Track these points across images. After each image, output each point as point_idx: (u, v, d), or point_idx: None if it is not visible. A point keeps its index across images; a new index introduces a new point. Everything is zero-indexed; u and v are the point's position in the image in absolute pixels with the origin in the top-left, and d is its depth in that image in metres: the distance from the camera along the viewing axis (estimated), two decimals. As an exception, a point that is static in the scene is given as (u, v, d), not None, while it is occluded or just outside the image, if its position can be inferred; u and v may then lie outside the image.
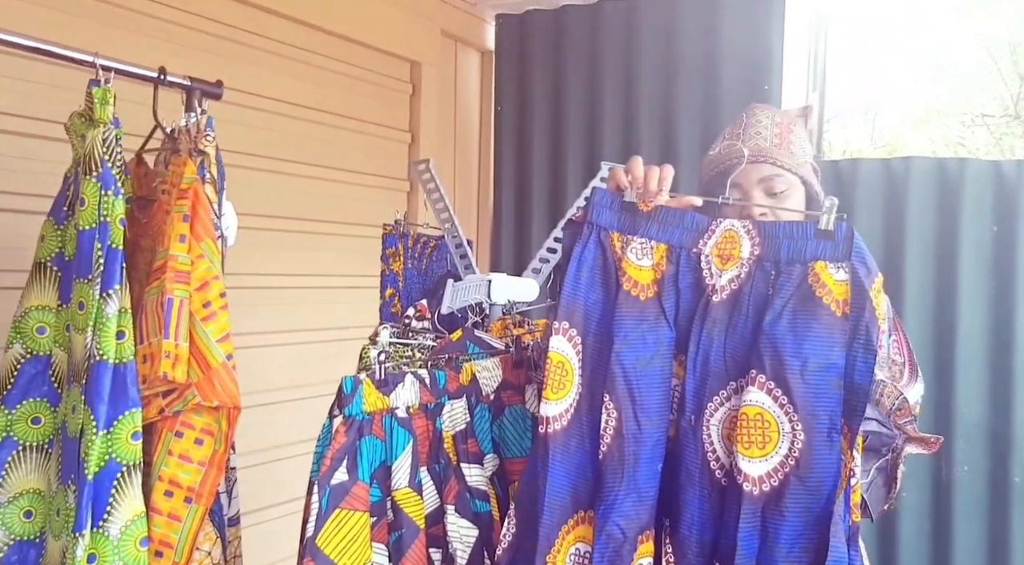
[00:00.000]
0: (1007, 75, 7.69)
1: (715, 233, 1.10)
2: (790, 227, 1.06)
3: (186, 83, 1.42)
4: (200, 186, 1.25)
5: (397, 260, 1.83)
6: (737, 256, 1.08)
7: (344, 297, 2.54)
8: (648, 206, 1.13)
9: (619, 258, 1.12)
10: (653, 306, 1.11)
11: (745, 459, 1.02)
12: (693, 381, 1.08)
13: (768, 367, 1.02)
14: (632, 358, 1.09)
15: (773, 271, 1.05)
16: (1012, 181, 2.43)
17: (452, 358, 1.35)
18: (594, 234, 1.14)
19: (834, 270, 1.02)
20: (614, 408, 1.09)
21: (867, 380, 1.01)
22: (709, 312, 1.08)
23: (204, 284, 1.23)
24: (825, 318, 1.01)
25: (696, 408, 1.08)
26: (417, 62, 2.88)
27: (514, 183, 3.10)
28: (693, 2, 2.74)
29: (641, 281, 1.12)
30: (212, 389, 1.21)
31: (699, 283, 1.10)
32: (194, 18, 2.12)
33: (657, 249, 1.12)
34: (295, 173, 2.45)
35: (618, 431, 1.08)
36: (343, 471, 1.13)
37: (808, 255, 1.03)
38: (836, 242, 1.03)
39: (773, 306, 1.03)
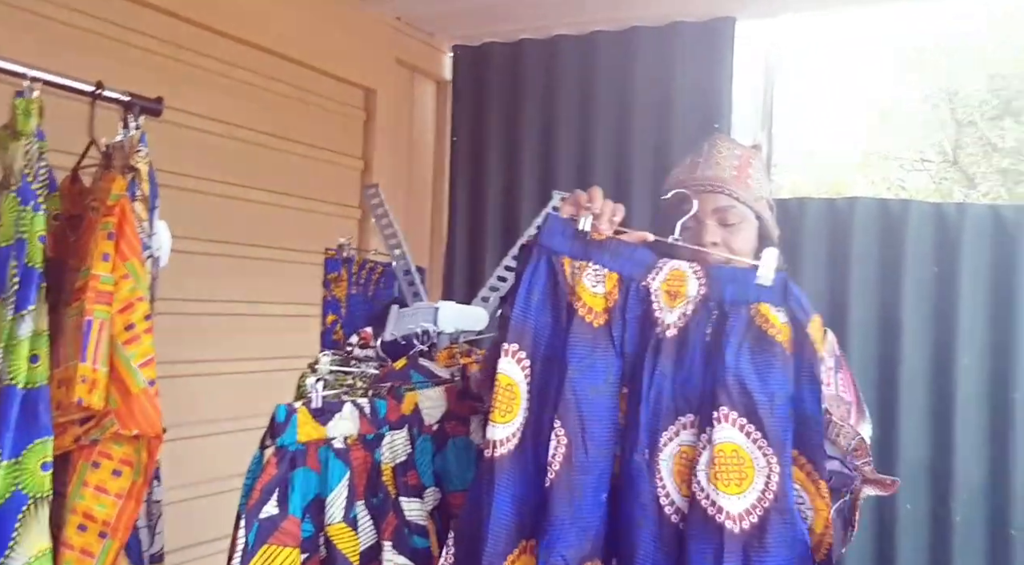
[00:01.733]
0: (945, 122, 8.00)
1: (663, 270, 1.12)
2: (733, 272, 1.11)
3: (124, 98, 1.37)
4: (128, 203, 1.20)
5: (340, 286, 1.79)
6: (684, 294, 1.10)
7: (289, 325, 2.47)
8: (600, 235, 1.14)
9: (571, 283, 1.12)
10: (604, 334, 1.10)
11: (724, 496, 1.01)
12: (647, 416, 1.07)
13: (739, 404, 1.03)
14: (584, 385, 1.08)
15: (717, 311, 1.08)
16: (953, 224, 2.49)
17: (394, 387, 1.31)
18: (544, 257, 1.13)
19: (776, 312, 1.06)
20: (564, 435, 1.06)
21: (817, 410, 1.04)
22: (662, 348, 1.08)
23: (128, 305, 1.17)
24: (780, 355, 1.05)
25: (651, 444, 1.06)
26: (372, 89, 2.86)
27: (468, 212, 3.09)
28: (647, 40, 2.79)
29: (595, 308, 1.11)
30: (132, 417, 1.14)
31: (648, 316, 1.10)
32: (137, 35, 2.07)
33: (609, 278, 1.12)
34: (240, 197, 2.39)
35: (567, 459, 1.06)
36: (273, 504, 1.07)
37: (751, 298, 1.07)
38: (774, 288, 1.07)
39: (730, 344, 1.05)
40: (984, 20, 7.76)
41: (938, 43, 8.06)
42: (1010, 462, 2.39)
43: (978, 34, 7.84)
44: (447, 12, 2.83)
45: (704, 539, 1.01)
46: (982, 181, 7.89)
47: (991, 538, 2.41)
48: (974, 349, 2.44)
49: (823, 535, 1.05)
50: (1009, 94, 7.61)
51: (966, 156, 8.01)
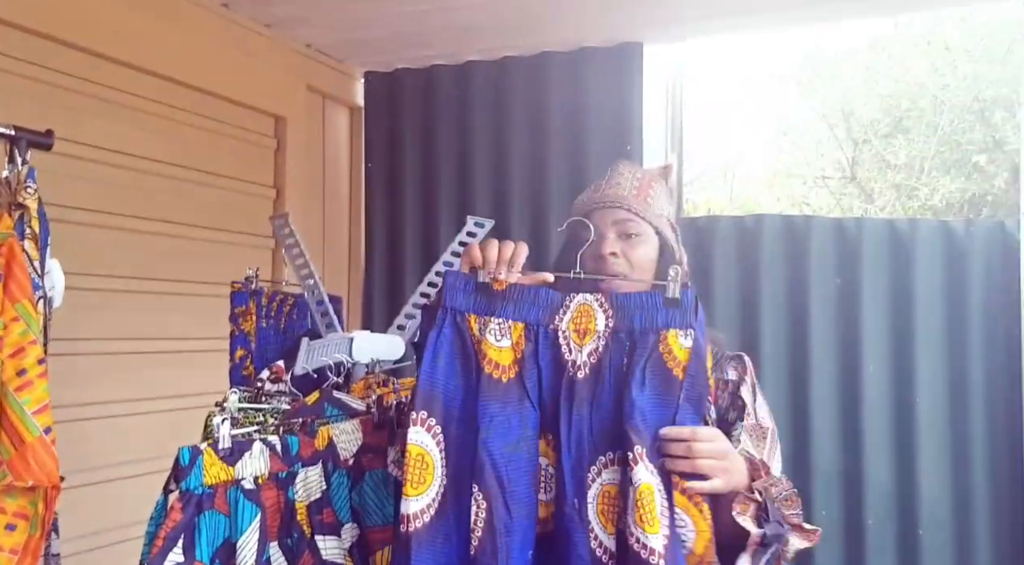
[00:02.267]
0: (842, 140, 8.43)
1: (570, 309, 1.11)
2: (640, 298, 1.09)
3: (9, 132, 1.30)
4: (16, 242, 1.14)
5: (248, 319, 1.73)
6: (593, 330, 1.09)
7: (197, 362, 2.37)
8: (502, 285, 1.12)
9: (478, 341, 1.10)
10: (515, 387, 1.09)
11: (652, 537, 1.00)
12: (570, 462, 1.05)
13: (645, 439, 1.03)
14: (499, 444, 1.06)
15: (628, 342, 1.07)
16: (853, 237, 2.61)
17: (307, 422, 1.27)
18: (449, 318, 1.11)
19: (683, 337, 1.06)
20: (483, 499, 1.04)
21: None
22: (575, 390, 1.07)
23: (19, 350, 1.11)
24: (675, 385, 1.05)
25: (579, 491, 1.05)
26: (282, 117, 2.81)
27: (386, 240, 3.06)
28: (557, 65, 2.84)
29: (502, 362, 1.09)
30: (27, 467, 1.08)
31: (558, 359, 1.09)
32: (24, 65, 1.97)
33: (515, 328, 1.11)
34: (142, 230, 2.30)
35: (489, 523, 1.04)
36: (178, 552, 1.02)
37: (660, 323, 1.07)
38: (683, 309, 1.07)
39: (635, 377, 1.05)
40: (866, 43, 8.25)
41: (830, 65, 8.51)
42: (915, 464, 2.50)
43: (864, 56, 8.32)
44: (358, 39, 2.82)
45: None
46: (879, 196, 8.33)
47: (901, 539, 2.51)
48: (878, 356, 2.55)
49: (704, 556, 1.05)
50: (899, 113, 8.09)
51: (863, 172, 8.45)
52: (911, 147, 7.97)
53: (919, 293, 2.54)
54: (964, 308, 2.51)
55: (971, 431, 2.49)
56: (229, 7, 2.51)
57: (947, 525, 2.48)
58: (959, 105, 7.78)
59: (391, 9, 2.52)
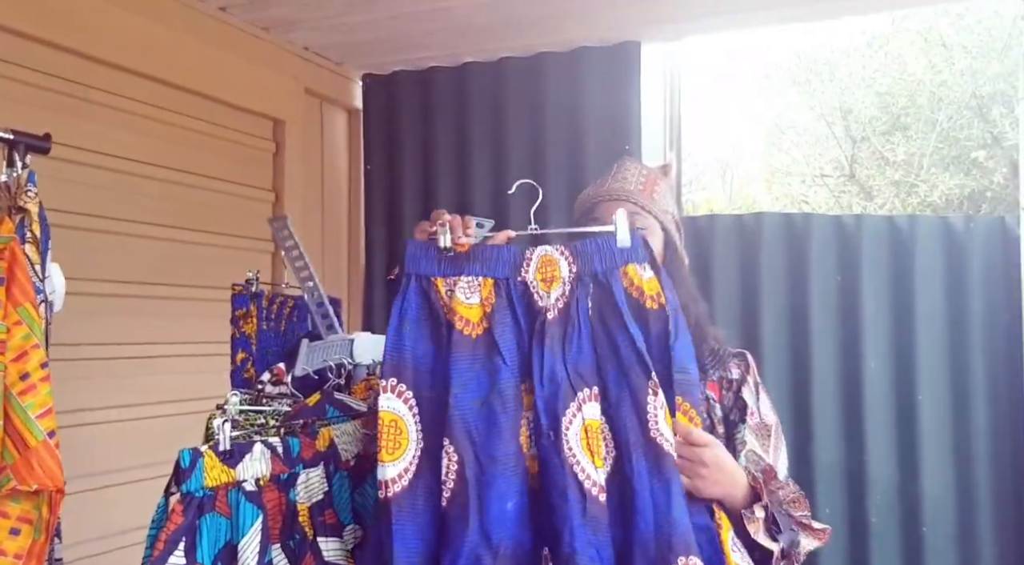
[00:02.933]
0: (841, 138, 8.43)
1: (532, 260, 1.13)
2: (596, 244, 1.13)
3: (8, 136, 1.30)
4: (18, 246, 1.14)
5: (249, 322, 1.73)
6: (559, 277, 1.12)
7: (198, 365, 2.37)
8: (464, 247, 1.14)
9: (446, 303, 1.11)
10: (484, 342, 1.10)
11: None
12: (543, 399, 1.06)
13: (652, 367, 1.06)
14: (469, 399, 1.07)
15: (592, 283, 1.11)
16: (852, 234, 2.61)
17: (308, 423, 1.27)
18: (414, 284, 1.13)
19: (641, 270, 1.12)
20: (454, 452, 1.05)
21: (693, 362, 1.11)
22: (546, 329, 1.09)
23: (22, 354, 1.10)
24: (660, 318, 1.10)
25: (552, 424, 1.06)
26: (280, 120, 2.81)
27: (385, 242, 3.06)
28: (555, 66, 2.84)
29: (471, 319, 1.10)
30: (30, 471, 1.08)
31: (531, 308, 1.11)
32: (23, 70, 1.97)
33: (484, 284, 1.12)
34: (143, 235, 2.30)
35: (460, 475, 1.04)
36: (179, 554, 1.02)
37: (618, 262, 1.12)
38: (634, 247, 1.12)
39: (626, 313, 1.08)
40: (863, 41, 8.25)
41: (828, 63, 8.51)
42: (919, 462, 2.50)
43: (861, 54, 8.32)
44: (355, 42, 2.82)
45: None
46: (878, 194, 8.33)
47: (904, 537, 2.51)
48: (879, 353, 2.55)
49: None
50: (897, 110, 8.08)
51: (862, 170, 8.44)
52: (909, 144, 7.97)
53: (920, 290, 2.54)
54: (965, 304, 2.51)
55: (973, 427, 2.48)
56: (227, 11, 2.51)
57: (950, 523, 2.48)
58: (957, 101, 7.78)
59: (388, 11, 2.53)
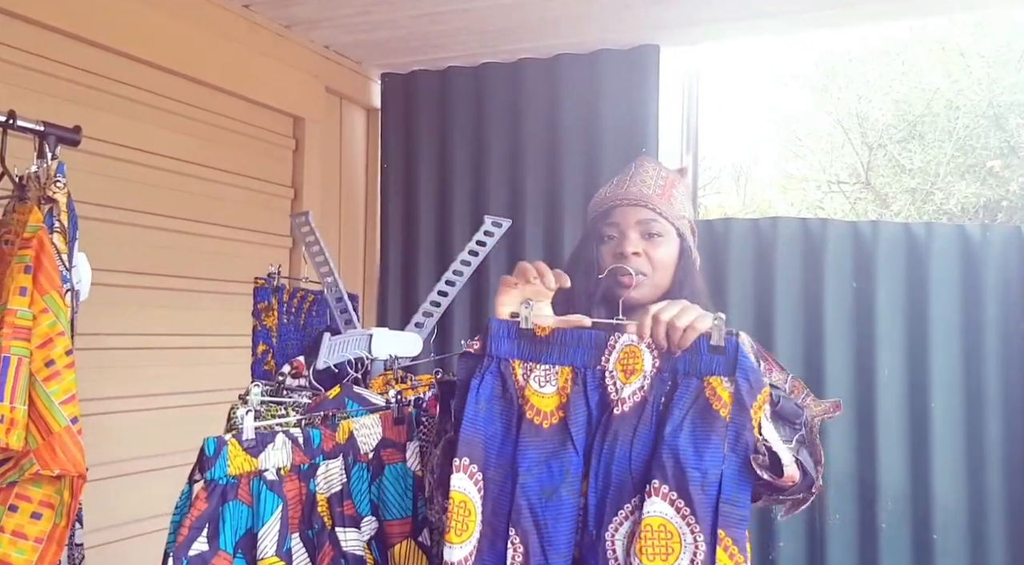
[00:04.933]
0: (857, 145, 8.40)
1: (616, 348, 1.10)
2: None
3: (39, 128, 1.33)
4: (46, 235, 1.16)
5: (270, 315, 1.75)
6: (640, 369, 1.08)
7: (218, 357, 2.41)
8: (545, 331, 1.11)
9: (521, 387, 1.10)
10: (558, 432, 1.08)
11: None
12: (595, 495, 1.05)
13: (671, 478, 1.01)
14: (536, 489, 1.06)
15: (670, 382, 1.07)
16: (868, 240, 2.61)
17: (328, 416, 1.29)
18: (493, 365, 1.11)
19: (728, 384, 1.05)
20: (520, 542, 1.04)
21: (746, 494, 1.03)
22: (610, 425, 1.06)
23: (47, 341, 1.12)
24: (720, 430, 1.03)
25: (597, 522, 1.04)
26: (300, 117, 2.84)
27: (401, 239, 3.08)
28: (573, 68, 2.85)
29: (544, 408, 1.09)
30: (53, 456, 1.09)
31: (605, 400, 1.09)
32: (53, 64, 2.01)
33: (561, 373, 1.10)
34: (165, 227, 2.33)
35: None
36: (203, 540, 1.04)
37: (703, 370, 1.06)
38: (727, 356, 1.05)
39: (672, 417, 1.04)
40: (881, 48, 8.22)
41: (845, 70, 8.48)
42: (929, 468, 2.49)
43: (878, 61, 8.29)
44: (375, 41, 2.84)
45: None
46: (893, 201, 8.29)
47: (915, 543, 2.50)
48: (893, 360, 2.55)
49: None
50: (913, 118, 8.05)
51: (878, 177, 8.41)
52: (926, 152, 7.93)
53: (935, 297, 2.53)
54: (980, 313, 2.51)
55: (986, 435, 2.48)
56: (250, 8, 2.54)
57: (961, 529, 2.47)
58: (974, 110, 7.74)
59: (408, 11, 2.55)
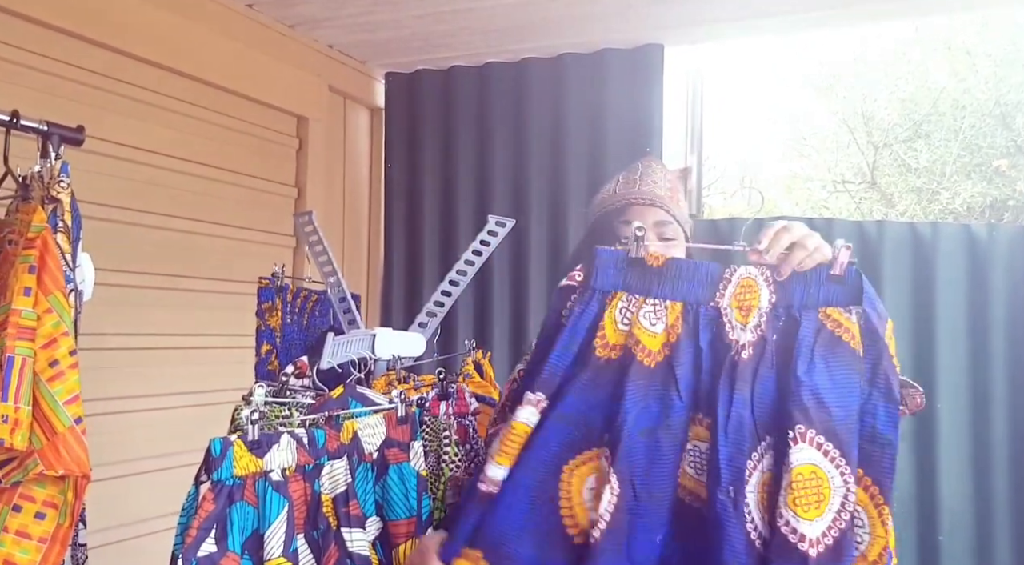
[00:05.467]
0: (862, 145, 8.38)
1: (731, 282, 1.01)
2: (803, 273, 1.00)
3: (42, 128, 1.33)
4: (50, 235, 1.16)
5: (274, 315, 1.75)
6: (756, 306, 1.00)
7: (221, 357, 2.40)
8: (658, 260, 1.01)
9: (628, 321, 1.01)
10: (661, 373, 1.00)
11: (805, 522, 0.92)
12: (728, 449, 0.95)
13: (816, 420, 0.94)
14: (635, 431, 0.98)
15: (785, 317, 0.99)
16: (874, 240, 2.60)
17: (332, 416, 1.28)
18: (596, 297, 1.01)
19: (850, 315, 0.98)
20: (618, 486, 0.97)
21: (891, 429, 0.97)
22: (737, 371, 0.98)
23: (51, 341, 1.12)
24: (855, 363, 0.96)
25: (735, 479, 0.95)
26: (304, 117, 2.84)
27: (405, 239, 3.08)
28: (577, 67, 2.84)
29: (652, 348, 1.00)
30: (57, 456, 1.09)
31: (720, 339, 1.00)
32: (56, 63, 2.01)
33: (672, 309, 1.01)
34: (168, 227, 2.33)
35: (618, 509, 0.97)
36: (211, 542, 1.03)
37: (821, 300, 0.99)
38: (846, 286, 0.99)
39: (802, 354, 0.96)
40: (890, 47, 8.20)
41: (850, 70, 8.46)
42: (936, 470, 2.48)
43: (884, 61, 8.27)
44: (379, 40, 2.84)
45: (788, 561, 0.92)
46: (899, 201, 8.27)
47: (921, 545, 2.49)
48: (899, 361, 2.52)
49: (875, 562, 0.96)
50: (919, 117, 8.02)
51: (883, 177, 8.39)
52: (932, 151, 7.91)
53: (941, 297, 2.52)
54: (986, 312, 2.50)
55: (993, 436, 2.47)
56: (253, 7, 2.54)
57: (967, 532, 2.46)
58: (980, 109, 7.71)
59: (412, 11, 2.54)
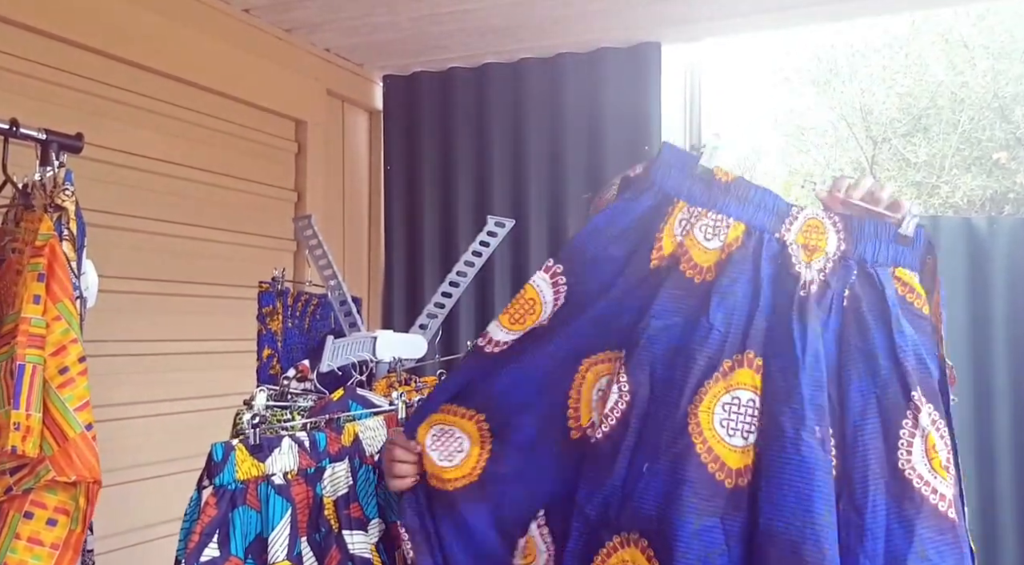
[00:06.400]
0: (861, 139, 8.38)
1: (798, 219, 0.97)
2: (875, 226, 0.97)
3: (40, 136, 1.33)
4: (57, 243, 1.17)
5: (275, 319, 1.75)
6: (823, 249, 0.96)
7: (223, 362, 2.40)
8: (728, 176, 0.97)
9: (684, 231, 0.96)
10: (701, 292, 0.95)
11: (943, 483, 0.93)
12: (809, 387, 0.90)
13: (922, 382, 0.92)
14: (664, 340, 0.94)
15: (857, 271, 0.96)
16: (872, 234, 2.59)
17: (333, 419, 1.29)
18: (651, 196, 0.97)
19: (914, 277, 0.97)
20: (628, 391, 0.92)
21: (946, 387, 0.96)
22: (807, 308, 0.93)
23: (61, 348, 1.13)
24: (931, 330, 0.95)
25: (819, 418, 0.89)
26: (303, 121, 2.84)
27: (405, 241, 3.08)
28: (575, 66, 2.84)
29: (702, 264, 0.96)
30: (69, 462, 1.10)
31: (786, 271, 0.95)
32: (52, 71, 2.01)
33: (734, 228, 0.96)
34: (168, 233, 2.33)
35: (624, 416, 0.93)
36: (214, 546, 1.04)
37: (890, 259, 0.96)
38: (914, 248, 0.97)
39: (892, 313, 0.93)
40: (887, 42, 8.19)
41: (848, 65, 8.46)
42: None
43: (881, 55, 8.26)
44: (376, 43, 2.84)
45: (940, 532, 0.94)
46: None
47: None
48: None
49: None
50: (918, 111, 8.02)
51: (883, 171, 8.38)
52: (931, 145, 7.91)
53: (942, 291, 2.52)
54: (987, 306, 2.49)
55: (996, 430, 2.46)
56: (251, 12, 2.54)
57: (972, 526, 2.45)
58: (978, 102, 7.71)
59: (409, 13, 2.55)
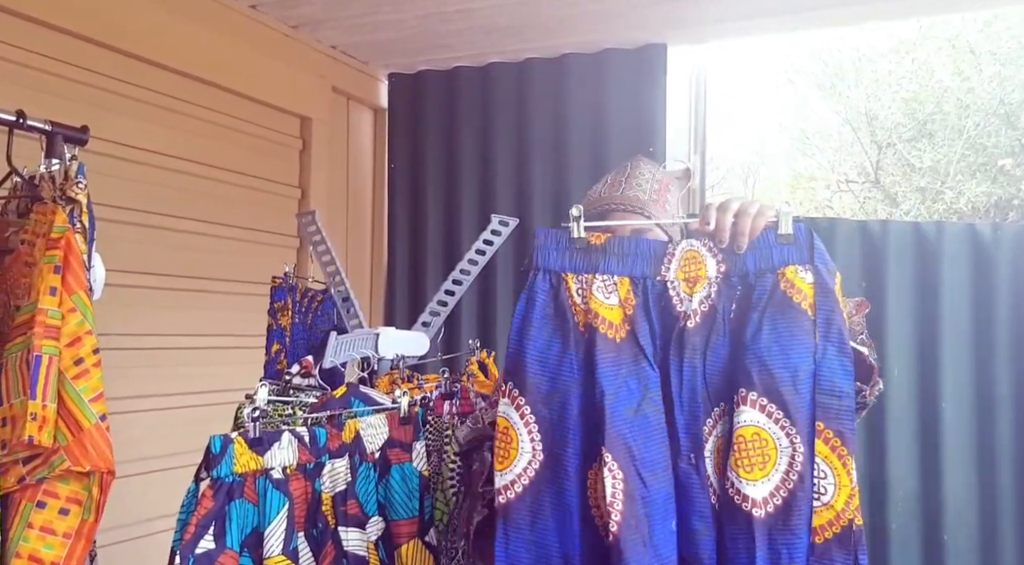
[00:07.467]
0: (866, 144, 8.36)
1: (675, 256, 1.03)
2: (752, 240, 1.02)
3: (46, 128, 1.33)
4: (72, 236, 1.17)
5: (285, 314, 1.76)
6: (704, 276, 1.01)
7: (228, 357, 2.41)
8: (600, 238, 1.04)
9: (577, 301, 1.02)
10: (629, 346, 1.00)
11: (749, 483, 0.95)
12: (684, 417, 0.98)
13: (758, 383, 0.97)
14: (621, 408, 0.98)
15: (740, 285, 1.01)
16: (878, 240, 2.59)
17: (335, 415, 1.29)
18: (542, 279, 1.03)
19: (804, 273, 1.00)
20: (618, 469, 0.96)
21: (847, 382, 0.98)
22: (686, 340, 1.00)
23: (76, 340, 1.14)
24: (804, 323, 0.98)
25: (695, 446, 0.98)
26: (307, 118, 2.84)
27: (408, 239, 3.09)
28: (580, 67, 2.84)
29: (614, 321, 1.01)
30: (84, 452, 1.11)
31: (670, 312, 1.01)
32: (60, 64, 2.01)
33: (621, 284, 1.02)
34: (173, 228, 2.34)
35: (628, 494, 0.96)
36: (209, 539, 1.04)
37: (776, 262, 1.01)
38: (799, 245, 1.00)
39: (751, 320, 0.98)
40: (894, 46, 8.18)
41: (853, 69, 8.44)
42: (940, 469, 2.47)
43: (887, 60, 8.25)
44: (382, 41, 2.85)
45: (734, 528, 0.96)
46: (903, 200, 8.24)
47: (926, 544, 2.48)
48: (903, 360, 2.53)
49: (842, 511, 0.97)
50: (923, 116, 8.00)
51: (887, 177, 8.36)
52: (936, 151, 7.88)
53: (945, 297, 2.51)
54: (991, 311, 2.48)
55: (997, 436, 2.45)
56: (257, 8, 2.54)
57: (972, 530, 2.45)
58: (984, 108, 7.68)
59: (415, 11, 2.55)
